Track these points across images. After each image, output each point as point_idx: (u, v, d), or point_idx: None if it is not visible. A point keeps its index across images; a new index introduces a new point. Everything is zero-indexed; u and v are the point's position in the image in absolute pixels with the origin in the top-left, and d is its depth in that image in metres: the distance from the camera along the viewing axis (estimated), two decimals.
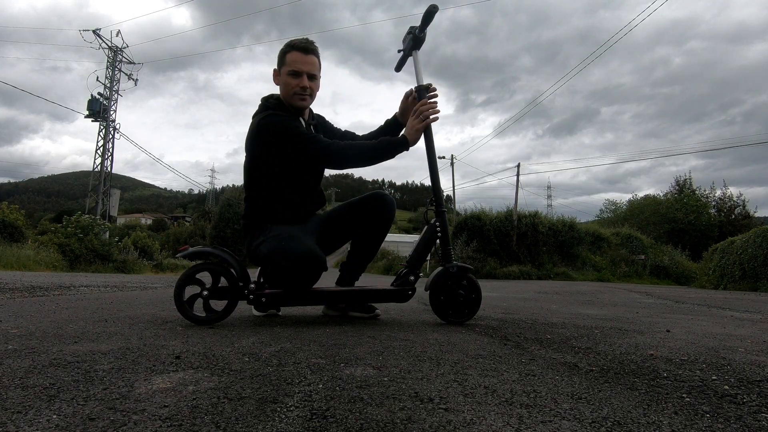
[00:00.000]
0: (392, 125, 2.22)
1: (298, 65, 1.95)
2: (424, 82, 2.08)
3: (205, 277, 1.86)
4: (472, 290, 1.98)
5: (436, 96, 2.06)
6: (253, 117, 2.04)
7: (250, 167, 2.03)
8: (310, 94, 2.01)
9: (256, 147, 1.98)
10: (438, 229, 1.98)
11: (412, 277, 1.97)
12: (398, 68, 2.21)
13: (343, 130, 2.29)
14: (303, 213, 2.09)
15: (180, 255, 1.89)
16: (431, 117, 1.99)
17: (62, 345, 1.34)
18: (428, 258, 2.08)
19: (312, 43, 2.00)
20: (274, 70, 2.05)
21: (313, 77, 2.00)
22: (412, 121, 1.99)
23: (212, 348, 1.35)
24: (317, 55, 2.00)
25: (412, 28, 2.06)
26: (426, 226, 2.02)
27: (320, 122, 2.22)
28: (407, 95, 2.15)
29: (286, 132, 1.91)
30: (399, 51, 2.17)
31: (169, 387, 0.94)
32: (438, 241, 2.00)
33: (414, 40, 2.05)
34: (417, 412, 0.83)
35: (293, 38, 2.02)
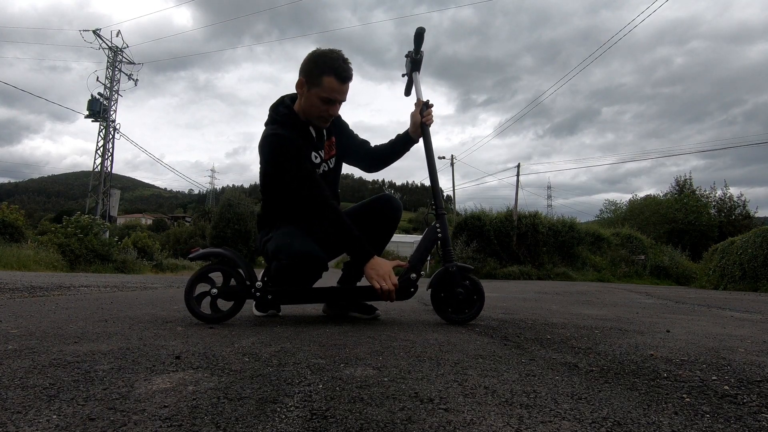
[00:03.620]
0: (403, 140, 2.22)
1: (335, 95, 1.90)
2: (424, 98, 2.22)
3: (214, 277, 1.90)
4: (473, 290, 2.00)
5: (431, 108, 2.19)
6: (265, 125, 2.05)
7: (262, 174, 2.06)
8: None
9: (263, 160, 1.99)
10: (438, 230, 2.02)
11: (413, 275, 1.98)
12: (407, 92, 2.31)
13: (360, 138, 2.24)
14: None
15: (192, 257, 1.94)
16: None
17: (62, 345, 1.34)
18: (429, 258, 2.11)
19: (350, 68, 1.92)
20: (300, 80, 1.92)
21: (341, 103, 1.97)
22: (376, 280, 1.87)
23: (212, 348, 1.35)
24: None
25: (409, 52, 2.20)
26: (427, 228, 2.06)
27: (336, 123, 2.16)
28: (417, 110, 2.18)
29: (283, 160, 1.89)
30: (403, 75, 2.29)
31: (169, 387, 0.94)
32: (438, 242, 2.03)
33: (413, 62, 2.19)
34: (417, 412, 0.83)
35: (330, 51, 1.90)
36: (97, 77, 21.83)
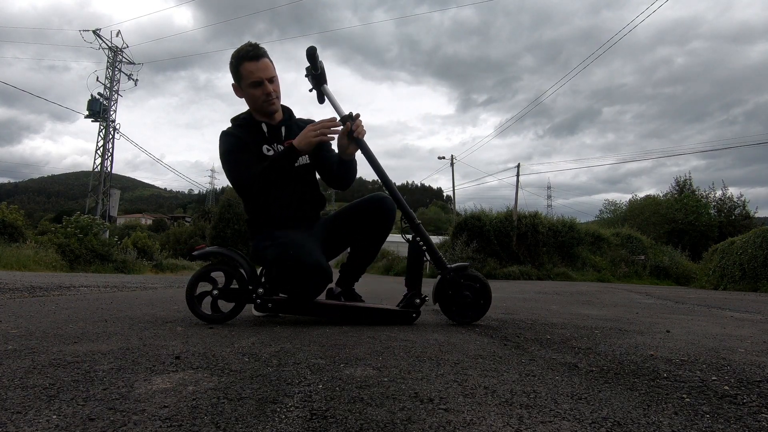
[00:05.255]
0: (338, 162, 2.12)
1: (256, 75, 1.95)
2: (345, 111, 2.04)
3: (216, 277, 1.90)
4: (480, 288, 1.99)
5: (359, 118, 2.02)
6: None
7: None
8: (277, 96, 2.03)
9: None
10: (420, 242, 1.99)
11: (417, 300, 1.98)
12: (321, 101, 2.15)
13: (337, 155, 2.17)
14: (302, 217, 2.09)
15: (195, 254, 1.91)
16: (329, 135, 1.94)
17: (62, 345, 1.34)
18: (427, 259, 2.06)
19: (257, 47, 1.97)
20: (233, 85, 2.05)
21: (272, 79, 2.00)
22: (307, 132, 1.91)
23: (212, 348, 1.35)
24: (267, 56, 1.98)
25: (307, 68, 2.07)
26: (409, 245, 2.02)
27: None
28: (344, 132, 2.04)
29: (222, 156, 2.00)
30: (310, 90, 2.13)
31: (169, 387, 0.94)
32: (426, 253, 2.00)
33: (315, 78, 2.08)
34: (417, 412, 0.83)
35: (240, 46, 1.99)
36: (97, 77, 21.83)
